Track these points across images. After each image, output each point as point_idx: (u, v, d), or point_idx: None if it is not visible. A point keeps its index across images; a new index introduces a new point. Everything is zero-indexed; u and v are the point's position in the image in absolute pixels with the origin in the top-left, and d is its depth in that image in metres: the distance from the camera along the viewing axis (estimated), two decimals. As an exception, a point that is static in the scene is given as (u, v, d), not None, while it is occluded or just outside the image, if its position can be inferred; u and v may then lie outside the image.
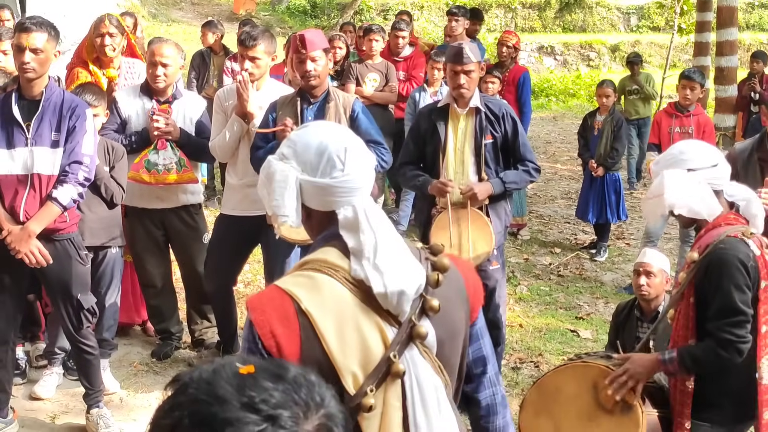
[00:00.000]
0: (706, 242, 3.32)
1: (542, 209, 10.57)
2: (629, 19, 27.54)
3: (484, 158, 4.97)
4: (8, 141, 4.46)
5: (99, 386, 4.90)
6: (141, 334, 6.18)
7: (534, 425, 3.53)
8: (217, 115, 5.45)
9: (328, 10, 25.06)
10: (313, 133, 2.18)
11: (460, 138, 5.02)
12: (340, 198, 2.12)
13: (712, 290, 3.26)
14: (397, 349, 2.05)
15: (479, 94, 5.04)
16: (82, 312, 4.66)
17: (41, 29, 4.41)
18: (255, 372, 1.26)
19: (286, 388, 1.24)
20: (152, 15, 22.45)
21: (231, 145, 5.33)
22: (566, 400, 3.47)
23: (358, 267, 2.07)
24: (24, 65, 4.41)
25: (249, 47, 5.27)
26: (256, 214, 5.27)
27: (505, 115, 5.02)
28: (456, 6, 10.22)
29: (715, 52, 11.79)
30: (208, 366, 1.28)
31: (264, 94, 5.35)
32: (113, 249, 5.33)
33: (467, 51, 4.90)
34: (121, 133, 5.53)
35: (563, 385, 3.51)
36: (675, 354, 3.28)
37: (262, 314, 2.05)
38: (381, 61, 8.55)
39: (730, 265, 3.24)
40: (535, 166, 5.13)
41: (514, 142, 5.04)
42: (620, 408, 3.35)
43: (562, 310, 7.12)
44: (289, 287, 2.07)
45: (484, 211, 4.98)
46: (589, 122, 8.84)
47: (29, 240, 4.42)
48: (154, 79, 5.49)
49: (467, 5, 21.36)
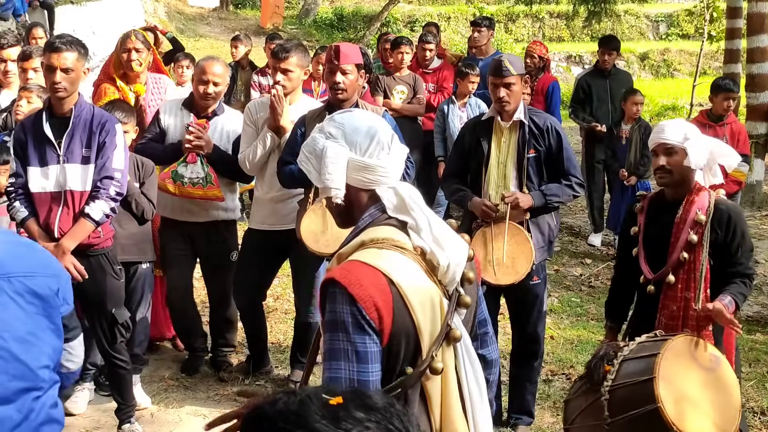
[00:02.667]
0: (702, 204, 3.89)
1: (572, 220, 10.49)
2: (658, 27, 27.39)
3: (527, 172, 4.89)
4: (41, 159, 4.50)
5: (131, 401, 4.92)
6: (171, 349, 6.20)
7: (683, 417, 3.44)
8: (247, 128, 5.44)
9: (354, 23, 25.14)
10: (361, 118, 2.42)
11: (503, 151, 4.94)
12: (383, 178, 2.36)
13: (737, 238, 3.89)
14: (451, 316, 2.27)
15: (524, 107, 4.97)
16: (116, 326, 4.69)
17: (71, 48, 4.45)
18: (344, 402, 1.24)
19: (378, 418, 1.23)
20: (179, 30, 22.61)
21: (261, 159, 5.32)
22: (683, 377, 3.55)
23: (422, 242, 2.26)
24: (55, 85, 4.45)
25: (281, 59, 5.28)
26: (285, 228, 5.27)
27: (549, 128, 4.92)
28: (480, 17, 10.21)
29: (746, 60, 11.67)
30: (289, 398, 1.25)
31: (296, 109, 5.34)
32: (144, 265, 5.37)
33: (507, 63, 4.82)
34: (160, 143, 5.56)
35: (675, 367, 3.54)
36: (730, 297, 3.81)
37: (362, 288, 2.16)
38: (409, 73, 8.55)
39: (742, 215, 4.04)
40: (579, 181, 5.00)
41: (558, 156, 4.93)
42: (714, 363, 3.63)
43: (593, 322, 7.05)
44: (374, 262, 2.21)
45: (525, 226, 4.89)
46: (615, 132, 8.78)
47: (64, 257, 4.44)
48: (204, 96, 5.51)
49: (494, 16, 21.37)
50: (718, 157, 3.99)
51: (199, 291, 7.26)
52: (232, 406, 5.31)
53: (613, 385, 3.56)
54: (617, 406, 3.52)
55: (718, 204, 3.92)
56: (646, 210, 4.12)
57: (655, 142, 3.99)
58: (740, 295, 3.88)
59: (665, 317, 3.96)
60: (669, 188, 4.05)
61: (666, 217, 4.00)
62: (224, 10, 26.80)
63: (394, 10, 24.41)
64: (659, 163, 3.95)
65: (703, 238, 3.89)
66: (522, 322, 5.14)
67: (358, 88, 5.06)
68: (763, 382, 5.95)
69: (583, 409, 3.71)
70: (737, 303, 3.86)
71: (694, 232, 3.89)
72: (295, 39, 22.36)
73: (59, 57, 4.42)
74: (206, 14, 26.17)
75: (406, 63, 8.51)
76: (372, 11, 25.08)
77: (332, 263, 2.37)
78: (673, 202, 4.01)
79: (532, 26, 26.78)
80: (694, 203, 3.92)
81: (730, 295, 3.83)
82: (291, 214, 5.31)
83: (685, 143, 3.88)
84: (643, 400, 3.45)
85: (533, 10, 25.43)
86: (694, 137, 3.91)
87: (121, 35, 6.21)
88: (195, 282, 7.28)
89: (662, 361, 3.50)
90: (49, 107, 4.59)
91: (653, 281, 4.02)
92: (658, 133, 3.98)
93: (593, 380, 3.66)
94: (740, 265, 3.92)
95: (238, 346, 6.14)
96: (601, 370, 3.64)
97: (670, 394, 3.44)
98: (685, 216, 3.93)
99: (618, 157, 8.66)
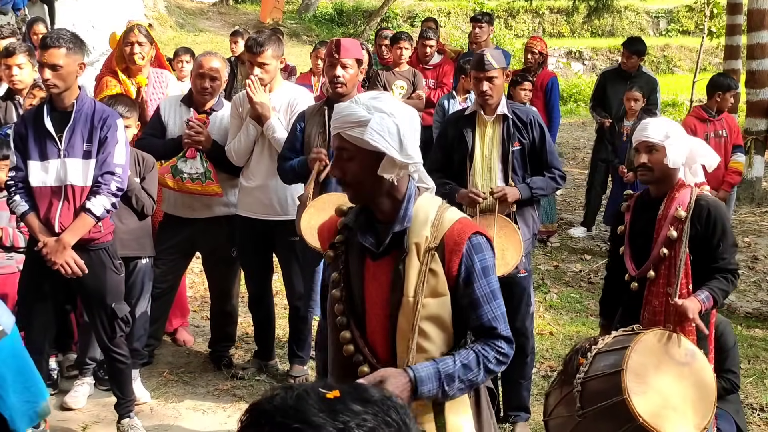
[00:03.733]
0: (683, 201, 3.96)
1: (571, 216, 10.50)
2: (658, 23, 27.38)
3: (512, 165, 4.93)
4: (41, 152, 4.50)
5: (130, 396, 4.92)
6: (171, 343, 6.20)
7: (649, 407, 3.48)
8: (234, 120, 5.48)
9: (354, 18, 25.12)
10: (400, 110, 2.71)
11: (488, 145, 4.98)
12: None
13: (717, 233, 3.94)
14: None
15: (506, 101, 5.00)
16: (116, 321, 4.69)
17: (59, 44, 4.44)
18: (341, 396, 1.25)
19: (376, 410, 1.23)
20: (179, 25, 22.60)
21: (246, 149, 5.38)
22: (655, 370, 3.60)
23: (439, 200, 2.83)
24: (46, 81, 4.47)
25: (257, 54, 5.30)
26: (269, 219, 5.34)
27: (532, 121, 4.98)
28: (480, 12, 10.19)
29: (746, 56, 11.65)
30: (286, 393, 1.26)
31: (277, 96, 5.40)
32: (144, 260, 5.38)
33: (489, 57, 4.87)
34: (161, 139, 5.57)
35: (646, 360, 3.59)
36: (707, 292, 3.88)
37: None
38: (408, 68, 8.54)
39: (724, 210, 4.10)
40: (561, 174, 5.08)
41: (542, 149, 4.99)
42: (688, 355, 3.70)
43: (592, 318, 7.05)
44: (466, 217, 2.78)
45: (511, 219, 4.93)
46: (617, 127, 8.77)
47: (65, 251, 4.45)
48: (202, 91, 5.54)
49: (494, 11, 21.34)
50: (697, 157, 4.06)
51: (198, 286, 7.29)
52: (232, 400, 5.33)
53: (585, 378, 3.62)
54: (588, 398, 3.59)
55: (699, 199, 3.98)
56: (633, 208, 4.20)
57: (638, 140, 4.09)
58: (719, 291, 3.92)
59: (648, 313, 4.02)
60: (651, 185, 4.13)
61: (650, 214, 4.07)
62: (224, 5, 26.80)
63: (394, 5, 24.40)
64: (641, 161, 4.05)
65: (683, 233, 3.93)
66: (510, 316, 5.13)
67: (357, 82, 5.07)
68: (762, 379, 5.96)
69: (558, 401, 3.77)
70: (715, 298, 3.90)
71: (674, 228, 3.95)
72: (292, 33, 22.38)
73: (46, 54, 4.43)
74: (206, 9, 26.15)
75: (405, 58, 8.50)
76: (372, 6, 25.06)
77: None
78: (657, 199, 4.09)
79: (532, 22, 26.76)
80: (675, 200, 3.99)
81: (708, 290, 3.90)
82: (273, 204, 5.39)
83: (665, 141, 3.96)
84: (611, 392, 3.51)
85: (533, 5, 25.44)
86: (675, 136, 3.98)
87: (124, 29, 6.21)
88: (194, 277, 7.32)
89: (632, 353, 3.55)
90: (50, 101, 4.59)
91: (636, 278, 4.08)
92: (641, 131, 4.08)
93: (567, 373, 3.74)
94: (722, 260, 3.97)
95: (238, 341, 6.14)
96: (575, 362, 3.71)
97: (638, 387, 3.49)
98: (666, 212, 3.99)
99: (619, 154, 8.66)
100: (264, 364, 5.77)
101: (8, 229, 5.14)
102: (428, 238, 2.67)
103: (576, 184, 12.07)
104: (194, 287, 7.28)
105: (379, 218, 2.76)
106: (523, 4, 25.41)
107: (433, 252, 2.66)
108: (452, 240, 2.66)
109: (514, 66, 14.12)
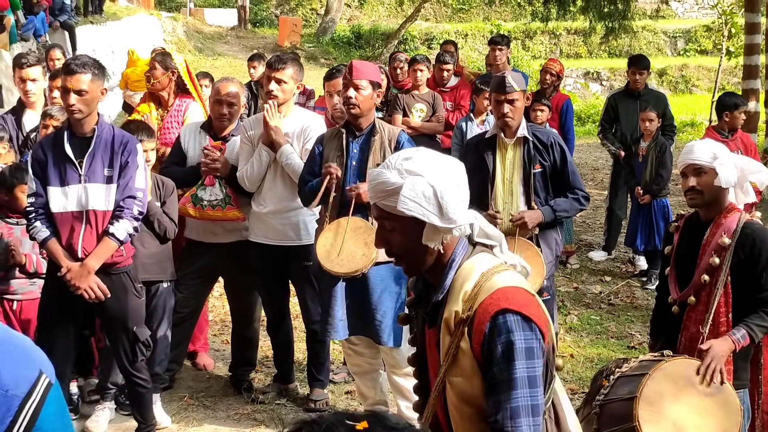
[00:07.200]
0: (729, 227, 3.81)
1: (591, 237, 10.45)
2: (676, 42, 27.36)
3: (534, 187, 4.92)
4: (61, 178, 4.53)
5: (151, 420, 4.93)
6: (191, 368, 6.20)
7: None
8: (244, 145, 5.45)
9: (372, 41, 25.25)
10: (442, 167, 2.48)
11: (509, 168, 4.98)
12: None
13: (761, 263, 3.77)
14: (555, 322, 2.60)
15: (526, 123, 5.00)
16: (137, 345, 4.71)
17: (85, 70, 4.49)
18: (369, 426, 1.26)
19: None
20: (198, 49, 22.79)
21: (259, 175, 5.35)
22: (672, 400, 3.55)
23: (511, 258, 2.55)
24: (70, 107, 4.50)
25: (277, 69, 5.31)
26: (283, 245, 5.34)
27: (553, 143, 4.98)
28: (498, 35, 10.22)
29: (765, 75, 11.63)
30: (313, 427, 1.26)
31: (289, 121, 5.39)
32: (164, 284, 5.40)
33: (510, 80, 4.88)
34: (181, 167, 5.61)
35: (663, 389, 3.55)
36: (744, 330, 3.75)
37: (534, 308, 2.39)
38: (427, 91, 8.55)
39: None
40: (585, 194, 5.08)
41: (563, 170, 4.99)
42: (715, 388, 3.60)
43: (613, 340, 7.01)
44: (518, 284, 2.42)
45: (534, 241, 4.92)
46: (633, 149, 8.73)
47: (89, 276, 4.48)
48: (220, 117, 5.57)
49: (511, 33, 21.39)
50: (748, 175, 3.95)
51: (218, 309, 7.30)
52: (252, 425, 5.32)
53: (604, 400, 3.61)
54: (605, 421, 3.58)
55: (745, 227, 3.82)
56: (682, 229, 4.08)
57: (684, 163, 3.91)
58: (757, 327, 3.78)
59: (686, 338, 3.94)
60: (701, 209, 3.98)
61: (696, 238, 3.95)
62: (242, 29, 27.02)
63: (411, 28, 24.52)
64: (689, 184, 3.88)
65: (724, 261, 3.82)
66: None
67: (373, 106, 5.06)
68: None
69: (582, 419, 3.74)
70: (752, 336, 3.77)
71: (717, 255, 3.83)
72: (310, 57, 22.49)
73: (72, 79, 4.47)
74: (224, 33, 26.37)
75: (422, 81, 8.51)
76: (389, 29, 25.20)
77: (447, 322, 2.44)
78: (706, 222, 3.96)
79: (549, 43, 26.82)
80: (721, 226, 3.86)
81: (745, 328, 3.77)
82: (288, 230, 5.37)
83: (714, 163, 3.83)
84: (624, 417, 3.49)
85: (550, 27, 25.46)
86: (723, 156, 3.87)
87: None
88: (214, 300, 7.33)
89: (648, 381, 3.52)
90: (69, 127, 4.63)
91: (678, 302, 4.00)
92: (687, 154, 3.91)
93: (591, 392, 3.74)
94: (766, 291, 3.80)
95: (258, 365, 6.14)
96: (598, 383, 3.70)
97: (650, 415, 3.45)
98: (711, 238, 3.88)
99: (636, 175, 8.61)
100: (284, 387, 5.75)
101: (32, 256, 5.17)
102: (458, 312, 2.41)
103: (595, 205, 12.01)
104: (214, 311, 7.29)
105: (433, 285, 2.55)
106: (540, 25, 25.43)
107: (463, 327, 2.40)
108: (480, 315, 2.37)
109: (531, 87, 14.11)
